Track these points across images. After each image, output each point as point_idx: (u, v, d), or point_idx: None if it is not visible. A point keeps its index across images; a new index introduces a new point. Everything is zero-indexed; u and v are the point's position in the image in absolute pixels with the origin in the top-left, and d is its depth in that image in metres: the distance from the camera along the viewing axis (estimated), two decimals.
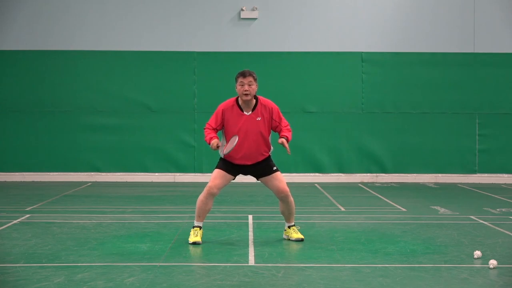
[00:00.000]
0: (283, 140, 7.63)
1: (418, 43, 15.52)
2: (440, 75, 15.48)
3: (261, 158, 7.77)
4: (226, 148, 7.59)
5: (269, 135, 7.79)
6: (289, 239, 7.98)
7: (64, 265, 6.62)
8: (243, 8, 15.41)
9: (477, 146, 15.47)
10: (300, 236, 7.93)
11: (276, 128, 7.79)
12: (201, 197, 7.76)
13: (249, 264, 6.73)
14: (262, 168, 7.77)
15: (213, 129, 7.80)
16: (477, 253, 7.02)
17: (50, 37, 15.36)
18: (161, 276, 6.19)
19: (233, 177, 7.83)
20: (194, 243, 7.69)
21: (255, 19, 15.48)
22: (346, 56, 15.47)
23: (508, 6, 15.50)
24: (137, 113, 15.38)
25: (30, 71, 15.33)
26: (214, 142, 7.62)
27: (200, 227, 7.83)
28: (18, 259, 6.86)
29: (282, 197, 7.81)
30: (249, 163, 7.73)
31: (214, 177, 7.74)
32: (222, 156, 7.79)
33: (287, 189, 7.78)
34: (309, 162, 15.44)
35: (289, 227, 8.00)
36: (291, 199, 7.85)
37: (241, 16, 15.43)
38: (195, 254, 7.24)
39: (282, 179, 7.81)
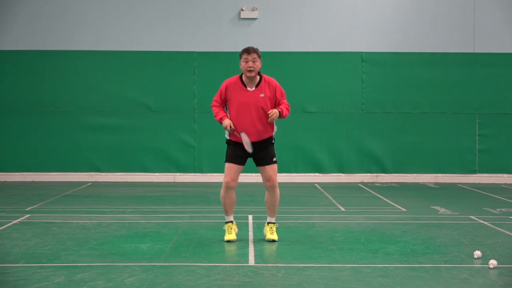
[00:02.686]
0: (274, 110, 7.63)
1: (418, 43, 15.52)
2: (440, 75, 15.48)
3: (265, 136, 7.77)
4: (247, 147, 7.62)
5: None
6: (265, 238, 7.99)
7: (64, 265, 6.62)
8: (243, 8, 15.41)
9: (477, 146, 15.47)
10: (274, 237, 7.90)
11: (276, 106, 7.81)
12: (221, 193, 7.86)
13: (249, 264, 6.73)
14: (265, 154, 7.78)
15: (220, 105, 7.85)
16: (477, 253, 7.02)
17: (50, 37, 15.36)
18: (161, 276, 6.19)
19: (242, 165, 7.85)
20: (229, 241, 7.79)
21: (255, 19, 15.49)
22: (346, 56, 15.47)
23: (508, 6, 15.50)
24: (137, 113, 15.38)
25: (30, 71, 15.33)
26: (227, 123, 7.64)
27: (232, 221, 7.93)
28: (18, 259, 6.86)
29: (268, 186, 7.84)
30: (253, 139, 7.71)
31: (227, 171, 7.80)
32: (228, 137, 7.83)
33: (276, 179, 7.83)
34: (309, 162, 15.44)
35: (268, 223, 8.00)
36: (278, 191, 7.89)
37: (241, 16, 15.43)
38: (195, 254, 7.23)
39: (275, 170, 7.86)
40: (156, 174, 15.40)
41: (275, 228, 7.98)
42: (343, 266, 6.68)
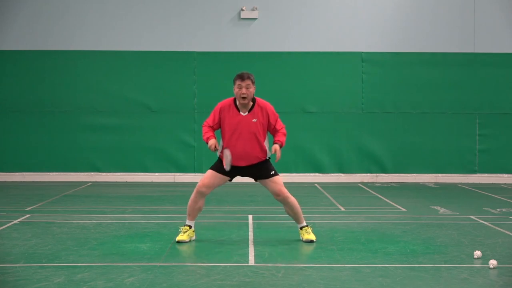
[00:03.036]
0: (277, 147, 7.65)
1: (418, 43, 15.52)
2: (440, 75, 15.49)
3: (255, 161, 7.72)
4: (225, 165, 7.57)
5: (264, 138, 7.74)
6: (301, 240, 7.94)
7: (64, 265, 6.62)
8: (243, 8, 15.41)
9: (477, 146, 15.47)
10: (310, 237, 7.83)
11: (272, 131, 7.81)
12: (192, 195, 7.81)
13: (249, 264, 6.72)
14: (259, 171, 7.75)
15: (211, 127, 7.79)
16: (477, 253, 7.02)
17: (50, 37, 15.37)
18: (161, 276, 6.19)
19: (228, 178, 7.79)
20: (178, 242, 7.71)
21: (255, 19, 15.49)
22: (346, 56, 15.47)
23: (508, 6, 15.50)
24: (137, 113, 15.38)
25: (30, 71, 15.33)
26: (212, 143, 7.63)
27: (190, 226, 7.83)
28: (18, 259, 6.86)
29: (280, 200, 7.80)
30: (243, 164, 7.69)
31: (204, 177, 7.78)
32: (218, 156, 7.83)
33: (284, 191, 7.74)
34: (309, 162, 15.44)
35: (301, 228, 7.93)
36: (292, 199, 7.80)
37: (241, 16, 15.43)
38: (195, 254, 7.24)
39: (280, 181, 7.76)
40: (156, 174, 15.40)
41: (310, 229, 7.92)
42: (343, 266, 6.68)
